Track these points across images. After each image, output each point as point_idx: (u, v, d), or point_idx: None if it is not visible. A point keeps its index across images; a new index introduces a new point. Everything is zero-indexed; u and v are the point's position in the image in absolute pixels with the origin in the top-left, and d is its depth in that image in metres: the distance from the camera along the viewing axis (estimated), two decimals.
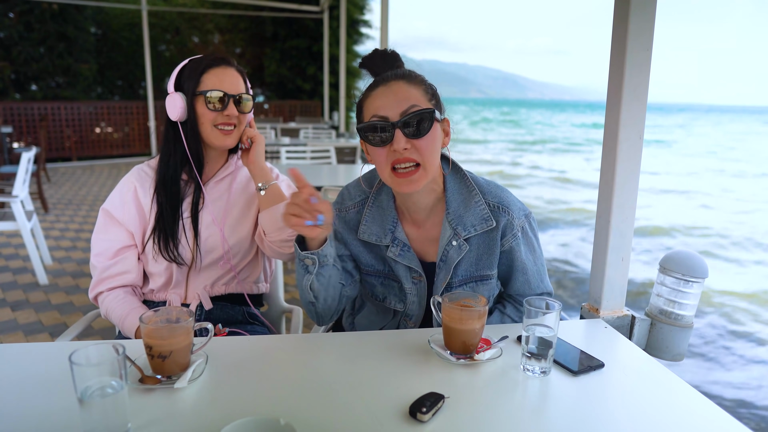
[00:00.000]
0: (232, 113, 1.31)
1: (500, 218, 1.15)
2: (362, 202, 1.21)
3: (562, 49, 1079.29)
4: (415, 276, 1.19)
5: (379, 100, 1.06)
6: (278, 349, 1.07)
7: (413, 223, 1.19)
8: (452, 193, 1.16)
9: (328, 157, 4.86)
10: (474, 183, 1.18)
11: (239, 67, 1.37)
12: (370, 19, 12.89)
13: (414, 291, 1.20)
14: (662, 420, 0.84)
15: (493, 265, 1.19)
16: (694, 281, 1.21)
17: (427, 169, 1.07)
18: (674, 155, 19.69)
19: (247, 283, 1.44)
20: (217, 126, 1.31)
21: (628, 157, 1.23)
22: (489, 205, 1.16)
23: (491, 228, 1.15)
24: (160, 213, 1.33)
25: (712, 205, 9.64)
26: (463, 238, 1.14)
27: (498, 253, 1.18)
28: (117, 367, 0.73)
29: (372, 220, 1.19)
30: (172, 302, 1.35)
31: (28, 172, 3.85)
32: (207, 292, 1.37)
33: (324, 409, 0.84)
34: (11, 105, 9.08)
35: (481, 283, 1.20)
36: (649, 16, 1.17)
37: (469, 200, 1.16)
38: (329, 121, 9.91)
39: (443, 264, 1.16)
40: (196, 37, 13.02)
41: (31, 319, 3.03)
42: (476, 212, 1.15)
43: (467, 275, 1.18)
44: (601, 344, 1.12)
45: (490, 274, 1.19)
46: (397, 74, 1.08)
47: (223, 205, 1.39)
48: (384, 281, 1.23)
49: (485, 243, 1.17)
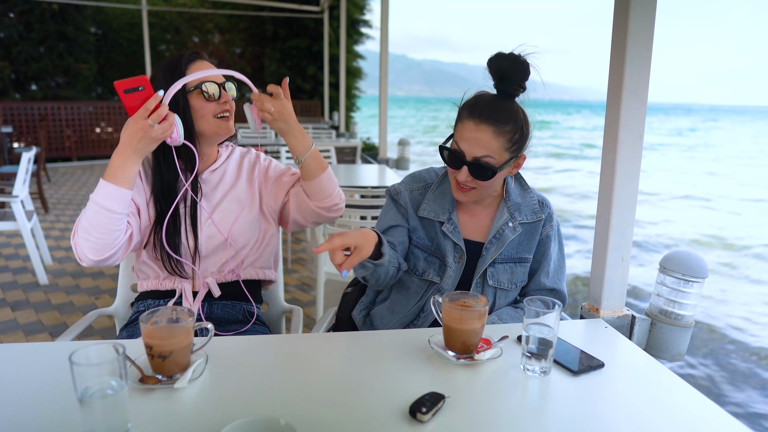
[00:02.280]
0: (227, 99, 1.33)
1: (544, 212, 1.35)
2: (426, 186, 1.39)
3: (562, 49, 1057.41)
4: (457, 256, 1.32)
5: (466, 133, 1.21)
6: (278, 349, 1.07)
7: (468, 211, 1.36)
8: (511, 187, 1.36)
9: (329, 157, 4.86)
10: (527, 183, 1.40)
11: (210, 60, 1.39)
12: (370, 19, 12.92)
13: (454, 267, 1.32)
14: (662, 420, 0.84)
15: (532, 249, 1.35)
16: (694, 281, 1.21)
17: (480, 192, 1.27)
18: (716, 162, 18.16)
19: (255, 268, 1.45)
20: (217, 116, 1.33)
21: (628, 157, 1.23)
22: (538, 202, 1.37)
23: (538, 220, 1.34)
24: (159, 216, 1.33)
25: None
26: (519, 222, 1.32)
27: (537, 240, 1.35)
28: (117, 367, 0.73)
29: (434, 200, 1.36)
30: (184, 290, 1.35)
31: (28, 172, 3.85)
32: (215, 279, 1.38)
33: (324, 409, 0.84)
34: (11, 105, 9.07)
35: (519, 264, 1.34)
36: (649, 16, 1.17)
37: (525, 195, 1.37)
38: (329, 121, 9.90)
39: (495, 240, 1.31)
40: (196, 37, 13.02)
41: (31, 319, 3.03)
42: (530, 205, 1.35)
43: (509, 255, 1.33)
44: (601, 344, 1.12)
45: (527, 257, 1.35)
46: (492, 116, 1.19)
47: (222, 192, 1.40)
48: (428, 257, 1.35)
49: (529, 231, 1.34)
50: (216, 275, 1.38)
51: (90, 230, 1.17)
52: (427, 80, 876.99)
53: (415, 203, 1.37)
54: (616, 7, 1.20)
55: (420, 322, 1.35)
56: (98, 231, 1.17)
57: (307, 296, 3.48)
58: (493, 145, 1.19)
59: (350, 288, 1.56)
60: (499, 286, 1.32)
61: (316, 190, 1.37)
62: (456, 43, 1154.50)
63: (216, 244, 1.37)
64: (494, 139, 1.19)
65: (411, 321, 1.36)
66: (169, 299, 1.37)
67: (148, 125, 1.12)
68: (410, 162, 5.11)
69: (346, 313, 1.50)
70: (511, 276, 1.33)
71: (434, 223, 1.35)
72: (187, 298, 1.35)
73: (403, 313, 1.36)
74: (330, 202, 1.40)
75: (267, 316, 1.66)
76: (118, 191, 1.17)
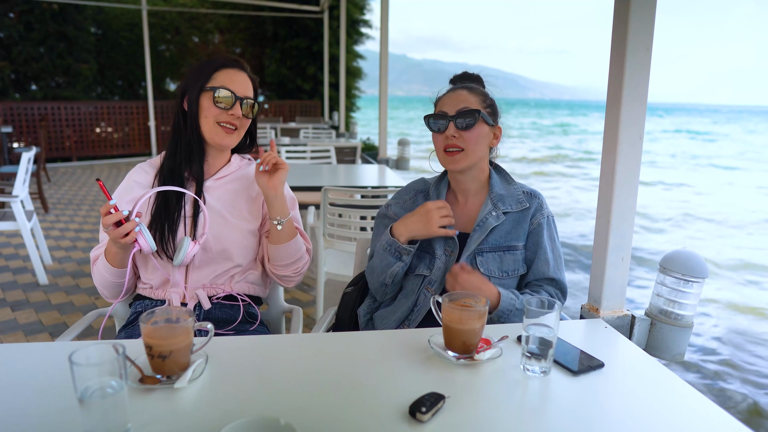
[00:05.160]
0: (237, 113, 1.32)
1: (532, 202, 1.40)
2: (419, 192, 1.49)
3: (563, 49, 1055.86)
4: (448, 249, 1.37)
5: (445, 100, 1.38)
6: (278, 349, 1.07)
7: (458, 204, 1.44)
8: (495, 180, 1.43)
9: (328, 157, 4.86)
10: (512, 177, 1.47)
11: (252, 75, 1.39)
12: (370, 19, 12.90)
13: (443, 259, 1.36)
14: (662, 420, 0.84)
15: (521, 237, 1.38)
16: (694, 281, 1.21)
17: (469, 155, 1.34)
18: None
19: (246, 284, 1.44)
20: (220, 123, 1.32)
21: (628, 157, 1.23)
22: (524, 193, 1.41)
23: (525, 208, 1.38)
24: (161, 203, 1.33)
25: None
26: (502, 211, 1.37)
27: (527, 229, 1.38)
28: (117, 367, 0.73)
29: (433, 195, 1.45)
30: (171, 301, 1.35)
31: (28, 172, 3.85)
32: (205, 291, 1.37)
33: (324, 409, 0.84)
34: (11, 105, 9.07)
35: (509, 252, 1.37)
36: (649, 16, 1.17)
37: (509, 187, 1.42)
38: (329, 121, 9.90)
39: (479, 228, 1.36)
40: (196, 37, 13.00)
41: (31, 319, 3.03)
42: (514, 195, 1.40)
43: (497, 244, 1.36)
44: (601, 344, 1.12)
45: (517, 245, 1.37)
46: (464, 85, 1.39)
47: (222, 203, 1.39)
48: (419, 254, 1.40)
49: (517, 220, 1.38)
50: (207, 288, 1.38)
51: (98, 284, 1.37)
52: (427, 80, 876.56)
53: (405, 211, 1.43)
54: (616, 8, 1.20)
55: (414, 316, 1.37)
56: (102, 286, 1.37)
57: (307, 296, 3.49)
58: (470, 99, 1.34)
59: (350, 288, 1.56)
60: (490, 275, 1.34)
61: (281, 255, 1.38)
62: (456, 43, 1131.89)
63: (210, 257, 1.36)
64: (471, 95, 1.35)
65: (406, 317, 1.37)
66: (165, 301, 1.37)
67: (112, 233, 1.18)
68: (410, 162, 5.11)
69: (346, 313, 1.50)
70: (501, 264, 1.35)
71: None
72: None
73: (400, 311, 1.38)
74: (286, 271, 1.42)
75: (267, 316, 1.66)
76: (113, 271, 1.31)
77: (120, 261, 1.28)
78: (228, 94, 1.30)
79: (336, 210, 2.57)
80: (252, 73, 1.40)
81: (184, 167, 1.37)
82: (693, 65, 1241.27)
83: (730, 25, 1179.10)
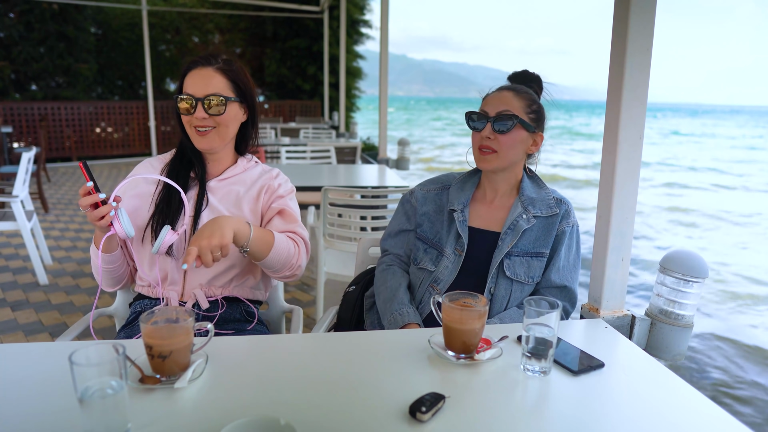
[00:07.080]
0: (200, 115, 1.30)
1: (561, 208, 1.39)
2: (444, 187, 1.48)
3: (563, 49, 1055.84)
4: (458, 249, 1.37)
5: (489, 99, 1.37)
6: (278, 349, 1.07)
7: (486, 202, 1.44)
8: (526, 184, 1.43)
9: (328, 157, 4.86)
10: (543, 182, 1.47)
11: (224, 66, 1.34)
12: (370, 19, 12.90)
13: (452, 258, 1.37)
14: (662, 420, 0.84)
15: (548, 244, 1.37)
16: (694, 281, 1.21)
17: (501, 157, 1.34)
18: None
19: (245, 287, 1.43)
20: (195, 127, 1.33)
21: (628, 157, 1.23)
22: (554, 199, 1.41)
23: (554, 214, 1.37)
24: (163, 200, 1.34)
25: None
26: (532, 214, 1.36)
27: (554, 235, 1.37)
28: (117, 367, 0.73)
29: (454, 192, 1.45)
30: (170, 300, 1.35)
31: (28, 172, 3.85)
32: (203, 291, 1.37)
33: (324, 409, 0.84)
34: (11, 105, 9.07)
35: (536, 258, 1.36)
36: (649, 16, 1.17)
37: (540, 192, 1.42)
38: (329, 121, 9.90)
39: (511, 231, 1.35)
40: (196, 37, 13.00)
41: (31, 319, 3.03)
42: (545, 200, 1.40)
43: (526, 249, 1.36)
44: (601, 344, 1.12)
45: (544, 252, 1.37)
46: (510, 86, 1.38)
47: (224, 204, 1.39)
48: (428, 249, 1.42)
49: (545, 226, 1.37)
50: (205, 288, 1.38)
51: (94, 272, 1.39)
52: (427, 80, 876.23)
53: (427, 201, 1.47)
54: (616, 8, 1.20)
55: (419, 311, 1.37)
56: (96, 272, 1.38)
57: (307, 296, 3.49)
58: (514, 103, 1.33)
59: (352, 287, 1.56)
60: (516, 279, 1.33)
61: (267, 266, 1.34)
62: (456, 43, 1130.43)
63: None
64: (515, 99, 1.34)
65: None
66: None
67: (89, 215, 1.19)
68: (410, 162, 5.11)
69: (347, 312, 1.50)
70: (528, 269, 1.34)
71: (443, 215, 1.42)
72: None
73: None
74: (281, 274, 1.38)
75: (267, 316, 1.66)
76: (101, 256, 1.32)
77: (106, 246, 1.29)
78: (185, 99, 1.31)
79: (336, 210, 2.57)
80: (232, 64, 1.35)
81: (190, 168, 1.40)
82: (692, 65, 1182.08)
83: (729, 25, 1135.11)
